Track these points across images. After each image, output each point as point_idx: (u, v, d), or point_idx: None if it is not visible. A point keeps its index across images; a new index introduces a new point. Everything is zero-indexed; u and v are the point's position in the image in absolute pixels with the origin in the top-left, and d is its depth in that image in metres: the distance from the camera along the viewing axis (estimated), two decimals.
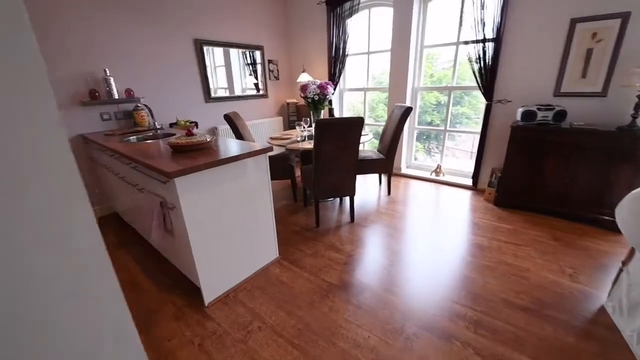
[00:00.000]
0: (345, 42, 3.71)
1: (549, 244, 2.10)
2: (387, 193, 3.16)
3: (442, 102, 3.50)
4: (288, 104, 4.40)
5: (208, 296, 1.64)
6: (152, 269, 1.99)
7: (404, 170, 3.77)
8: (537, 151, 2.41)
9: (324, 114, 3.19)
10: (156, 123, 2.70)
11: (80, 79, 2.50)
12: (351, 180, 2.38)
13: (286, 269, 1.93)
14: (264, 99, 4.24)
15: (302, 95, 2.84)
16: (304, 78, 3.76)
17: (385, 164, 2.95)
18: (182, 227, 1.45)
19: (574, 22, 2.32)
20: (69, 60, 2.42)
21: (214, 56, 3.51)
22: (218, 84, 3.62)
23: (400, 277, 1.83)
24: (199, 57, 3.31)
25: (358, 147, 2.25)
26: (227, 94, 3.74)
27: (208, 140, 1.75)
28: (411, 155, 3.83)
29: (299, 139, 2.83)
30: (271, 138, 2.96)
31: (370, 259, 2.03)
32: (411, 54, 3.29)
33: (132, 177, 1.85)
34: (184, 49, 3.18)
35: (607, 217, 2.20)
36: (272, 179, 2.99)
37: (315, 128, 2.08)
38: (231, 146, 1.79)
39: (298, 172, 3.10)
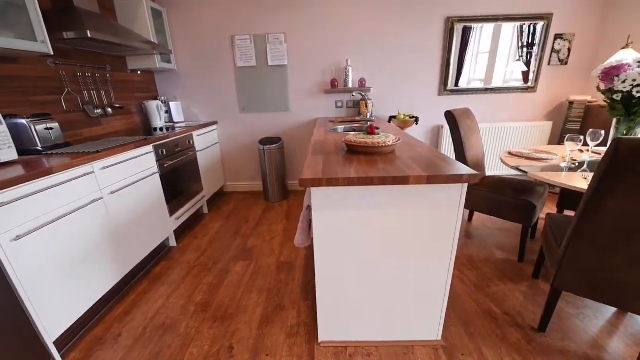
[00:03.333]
0: None
1: None
2: None
3: None
4: (571, 102, 2.77)
5: (323, 334, 1.31)
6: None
7: None
8: None
9: None
10: (369, 114, 2.56)
11: (328, 70, 2.82)
12: None
13: None
14: (528, 94, 2.95)
15: (603, 87, 1.53)
16: (624, 56, 2.10)
17: None
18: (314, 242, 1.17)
19: None
20: (324, 54, 2.78)
21: (479, 40, 2.76)
22: (475, 74, 2.88)
23: None
24: (446, 39, 2.73)
25: None
26: (482, 86, 2.91)
27: (389, 143, 1.29)
28: None
29: (563, 164, 1.62)
30: (509, 153, 1.93)
31: None
32: None
33: None
34: (428, 33, 2.72)
35: None
36: (489, 213, 1.96)
37: (607, 153, 0.98)
38: (412, 158, 1.21)
39: (543, 214, 1.91)
